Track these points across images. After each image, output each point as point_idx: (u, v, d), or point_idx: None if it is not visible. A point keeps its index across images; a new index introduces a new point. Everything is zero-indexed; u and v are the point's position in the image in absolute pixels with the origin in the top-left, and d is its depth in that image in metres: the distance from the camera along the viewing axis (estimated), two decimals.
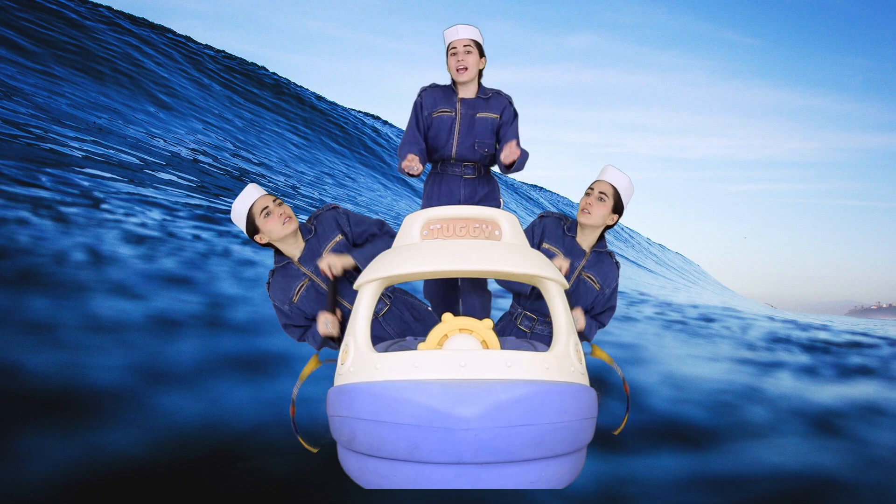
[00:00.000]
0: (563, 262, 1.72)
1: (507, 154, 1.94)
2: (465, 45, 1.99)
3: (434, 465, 1.09)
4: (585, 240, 1.84)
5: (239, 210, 1.72)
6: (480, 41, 2.03)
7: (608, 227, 1.84)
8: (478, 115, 2.06)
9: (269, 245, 1.76)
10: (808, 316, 12.72)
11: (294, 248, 1.76)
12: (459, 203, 2.07)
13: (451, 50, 2.01)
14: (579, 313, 1.77)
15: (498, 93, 2.11)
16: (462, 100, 2.06)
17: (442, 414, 1.06)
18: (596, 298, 1.85)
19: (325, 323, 1.71)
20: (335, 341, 1.75)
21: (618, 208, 1.80)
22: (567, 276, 1.75)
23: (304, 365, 1.74)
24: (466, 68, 2.00)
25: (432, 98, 2.08)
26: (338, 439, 1.29)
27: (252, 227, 1.72)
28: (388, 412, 1.11)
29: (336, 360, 1.72)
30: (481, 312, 2.10)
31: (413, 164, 1.95)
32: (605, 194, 1.77)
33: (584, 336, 1.82)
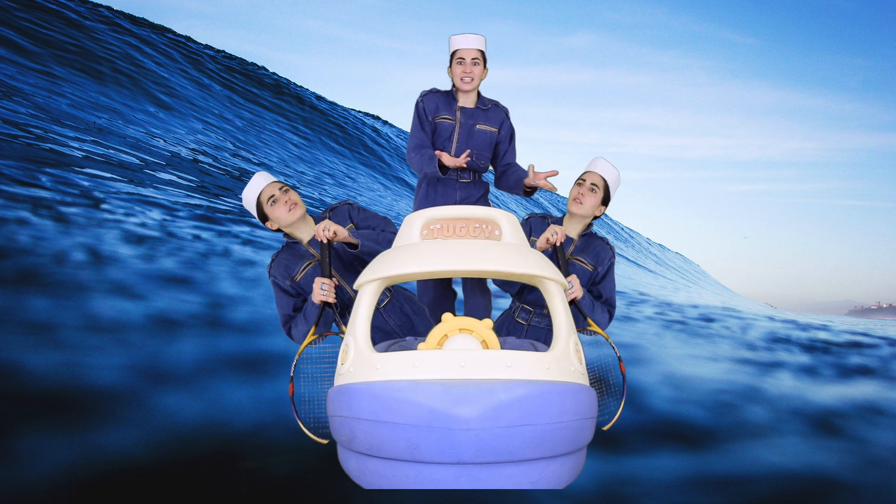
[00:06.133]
0: (556, 230, 1.69)
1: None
2: (473, 58, 2.00)
3: (434, 465, 1.08)
4: (573, 229, 1.88)
5: (248, 198, 1.77)
6: (485, 51, 2.04)
7: (595, 218, 1.89)
8: (477, 126, 2.08)
9: (279, 230, 1.80)
10: (808, 316, 12.72)
11: (304, 233, 1.80)
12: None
13: (457, 58, 2.01)
14: (574, 280, 1.70)
15: (496, 104, 2.13)
16: (462, 108, 2.08)
17: (442, 414, 1.06)
18: (591, 278, 1.87)
19: (322, 286, 1.63)
20: (333, 310, 1.67)
21: (606, 200, 1.85)
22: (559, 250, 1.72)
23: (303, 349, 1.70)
24: (472, 79, 2.01)
25: (434, 103, 2.09)
26: (338, 439, 1.28)
27: (261, 215, 1.76)
28: (388, 412, 1.11)
29: (336, 332, 1.72)
30: (483, 312, 2.10)
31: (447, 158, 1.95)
32: (596, 185, 1.83)
33: (583, 312, 1.74)
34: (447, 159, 1.95)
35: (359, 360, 1.25)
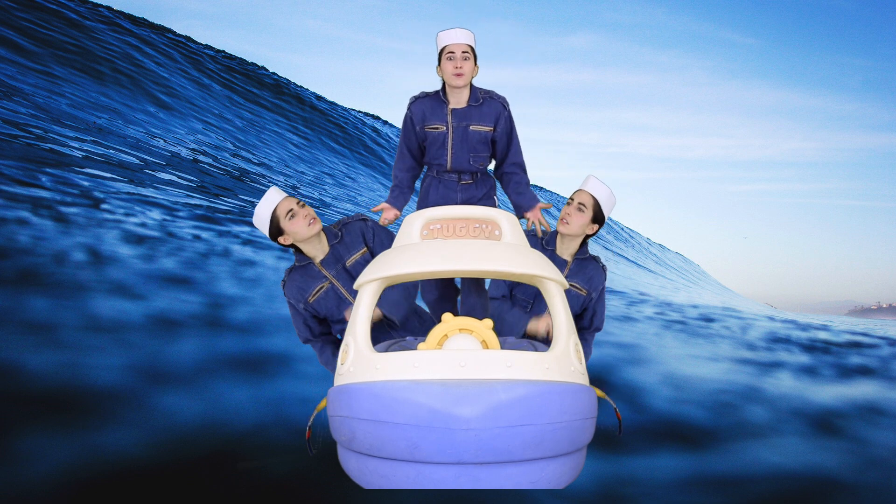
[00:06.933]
0: (547, 324, 1.73)
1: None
2: (463, 52, 1.91)
3: (434, 465, 1.08)
4: (566, 250, 1.87)
5: (262, 213, 1.72)
6: (475, 47, 1.97)
7: (589, 237, 1.87)
8: (470, 127, 1.99)
9: (291, 246, 1.76)
10: (808, 316, 12.72)
11: (318, 250, 1.76)
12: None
13: (447, 54, 1.93)
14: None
15: (490, 96, 2.03)
16: (453, 111, 2.00)
17: (442, 414, 1.06)
18: (584, 303, 1.87)
19: None
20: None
21: (597, 218, 1.82)
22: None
23: (317, 398, 1.70)
24: (462, 75, 1.92)
25: (421, 111, 2.02)
26: (338, 439, 1.28)
27: (276, 230, 1.72)
28: (388, 412, 1.11)
29: None
30: (482, 312, 2.09)
31: (388, 216, 1.99)
32: (584, 205, 1.80)
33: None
34: (387, 216, 2.00)
35: (359, 360, 1.25)
